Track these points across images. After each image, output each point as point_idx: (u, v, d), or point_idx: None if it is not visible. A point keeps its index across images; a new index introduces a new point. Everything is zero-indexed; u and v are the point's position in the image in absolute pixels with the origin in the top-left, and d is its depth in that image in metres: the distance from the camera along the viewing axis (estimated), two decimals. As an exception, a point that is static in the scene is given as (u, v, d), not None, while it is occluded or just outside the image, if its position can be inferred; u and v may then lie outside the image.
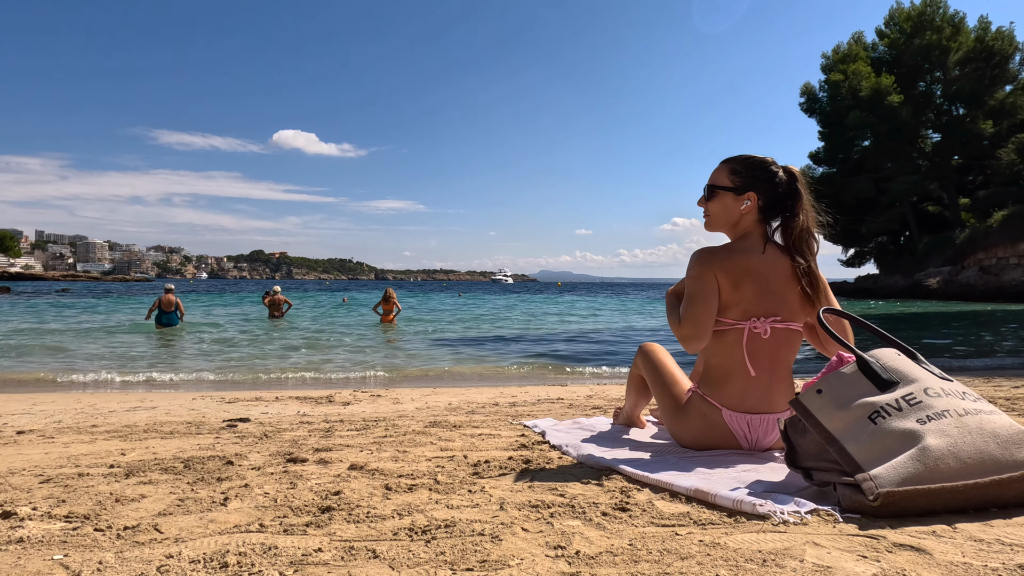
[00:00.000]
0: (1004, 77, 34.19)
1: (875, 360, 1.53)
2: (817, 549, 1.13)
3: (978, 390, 3.98)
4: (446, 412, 3.44)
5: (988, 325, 14.43)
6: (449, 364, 7.77)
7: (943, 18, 34.26)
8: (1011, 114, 33.58)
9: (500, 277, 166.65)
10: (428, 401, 4.20)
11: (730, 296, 1.91)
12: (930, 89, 35.56)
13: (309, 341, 10.51)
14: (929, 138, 36.39)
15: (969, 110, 34.60)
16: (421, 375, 6.76)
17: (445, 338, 11.74)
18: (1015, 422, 1.39)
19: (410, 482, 1.68)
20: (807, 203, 1.98)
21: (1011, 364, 7.26)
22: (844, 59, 36.40)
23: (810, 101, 38.49)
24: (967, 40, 33.81)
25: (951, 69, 34.30)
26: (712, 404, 1.96)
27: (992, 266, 30.03)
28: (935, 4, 34.57)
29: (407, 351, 9.41)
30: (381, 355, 8.83)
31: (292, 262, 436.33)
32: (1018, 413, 2.84)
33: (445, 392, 4.92)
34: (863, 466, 1.35)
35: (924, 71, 35.06)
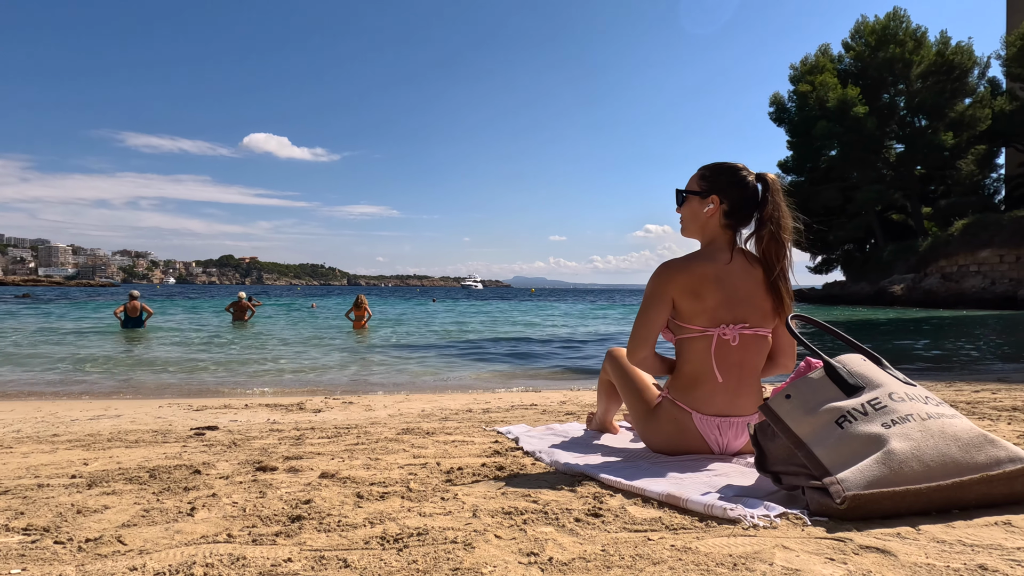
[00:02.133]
0: (963, 90, 35.26)
1: (842, 366, 1.56)
2: (786, 552, 1.14)
3: (940, 394, 4.08)
4: (419, 419, 3.42)
5: (949, 331, 14.82)
6: (422, 370, 7.73)
7: (906, 32, 35.23)
8: (970, 126, 34.62)
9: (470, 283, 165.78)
10: (401, 408, 4.17)
11: (693, 306, 1.93)
12: (894, 101, 36.50)
13: (280, 347, 10.37)
14: (893, 148, 37.32)
15: (931, 122, 35.59)
16: (394, 381, 6.71)
17: (419, 344, 11.68)
18: (975, 426, 1.42)
19: (382, 490, 1.67)
20: (783, 213, 1.97)
21: (973, 369, 7.45)
22: (812, 70, 37.19)
23: (779, 111, 39.23)
24: (928, 54, 34.81)
25: (914, 82, 35.26)
26: (682, 408, 1.98)
27: (953, 273, 30.87)
28: (898, 19, 35.54)
29: (380, 357, 9.34)
30: (353, 361, 8.75)
31: (263, 267, 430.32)
32: (979, 416, 2.92)
33: (418, 398, 4.89)
34: (830, 470, 1.37)
35: (888, 83, 35.98)
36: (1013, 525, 1.25)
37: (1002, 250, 29.03)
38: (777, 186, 1.98)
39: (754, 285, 1.95)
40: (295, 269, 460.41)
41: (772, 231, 1.95)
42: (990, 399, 3.72)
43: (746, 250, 2.01)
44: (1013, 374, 6.38)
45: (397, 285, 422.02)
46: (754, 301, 1.95)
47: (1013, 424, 2.68)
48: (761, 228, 1.96)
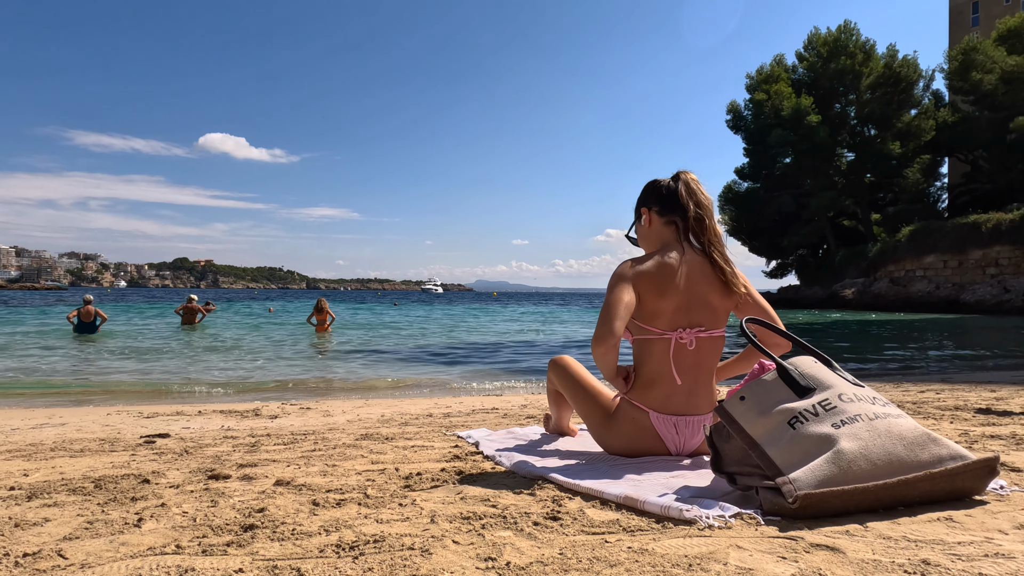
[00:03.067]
0: (910, 102, 36.63)
1: (794, 367, 1.59)
2: (740, 552, 1.16)
3: (887, 394, 4.21)
4: (378, 424, 3.38)
5: (897, 333, 15.33)
6: (383, 375, 7.65)
7: (856, 45, 36.43)
8: (916, 136, 35.98)
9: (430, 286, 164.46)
10: (360, 413, 4.12)
11: (655, 306, 1.96)
12: (845, 110, 37.68)
13: (236, 352, 10.14)
14: (844, 157, 38.51)
15: (879, 131, 36.85)
16: (353, 386, 6.62)
17: (379, 348, 11.56)
18: (920, 425, 1.47)
19: (339, 497, 1.64)
20: (699, 194, 2.06)
21: (918, 370, 7.72)
22: (767, 79, 38.15)
23: (736, 119, 40.13)
24: (877, 66, 36.06)
25: (863, 92, 36.47)
26: (640, 408, 2.00)
27: (901, 278, 32.01)
28: (849, 31, 36.73)
29: (339, 362, 9.21)
30: (312, 366, 8.61)
31: (219, 270, 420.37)
32: (923, 416, 3.02)
33: (377, 404, 4.83)
34: (783, 470, 1.40)
35: (839, 93, 37.14)
36: (954, 521, 1.30)
37: (945, 256, 30.21)
38: (689, 177, 2.09)
39: (708, 281, 1.99)
40: (252, 272, 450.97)
41: (695, 213, 2.03)
42: (934, 399, 3.86)
43: (692, 244, 2.06)
44: (956, 375, 6.63)
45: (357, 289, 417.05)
46: (709, 301, 1.98)
47: (955, 423, 2.79)
48: (686, 213, 2.04)
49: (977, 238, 29.03)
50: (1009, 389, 4.49)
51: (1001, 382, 5.29)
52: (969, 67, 32.36)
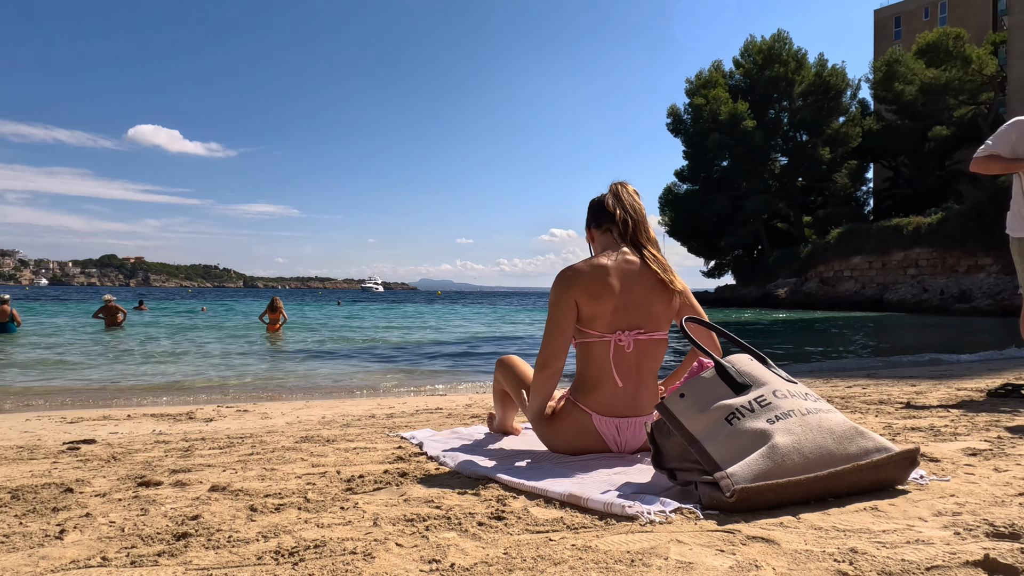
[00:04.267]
0: (838, 109, 38.35)
1: (731, 365, 1.64)
2: (680, 546, 1.18)
3: (818, 390, 4.39)
4: (319, 426, 3.31)
5: (824, 331, 16.02)
6: (325, 375, 7.49)
7: (789, 53, 37.87)
8: (844, 143, 37.70)
9: (371, 285, 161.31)
10: (300, 415, 4.02)
11: (594, 308, 1.99)
12: (778, 116, 39.13)
13: (167, 353, 9.75)
14: (778, 161, 40.00)
15: (811, 137, 38.44)
16: (293, 387, 6.46)
17: (321, 348, 11.32)
18: (848, 419, 1.54)
19: (278, 501, 1.60)
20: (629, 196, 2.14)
21: (847, 366, 8.08)
22: (706, 85, 39.24)
23: (676, 122, 41.10)
24: (808, 75, 37.60)
25: (796, 99, 37.96)
26: (583, 410, 2.03)
27: (830, 278, 33.47)
28: (782, 40, 38.14)
29: (280, 362, 8.98)
30: (250, 366, 8.36)
31: (150, 268, 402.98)
32: (851, 410, 3.16)
33: (318, 405, 4.74)
34: (721, 465, 1.44)
35: (773, 100, 38.54)
36: (879, 510, 1.36)
37: (871, 257, 31.76)
38: (618, 186, 2.18)
39: (645, 282, 2.02)
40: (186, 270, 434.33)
41: (621, 217, 2.10)
42: (860, 394, 4.04)
43: (629, 245, 2.10)
44: (880, 370, 6.98)
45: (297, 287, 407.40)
46: (648, 304, 2.02)
47: (880, 416, 2.93)
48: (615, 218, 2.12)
49: (899, 240, 30.64)
50: (928, 384, 4.75)
51: (920, 377, 5.59)
52: (892, 78, 34.11)
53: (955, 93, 33.10)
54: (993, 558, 1.03)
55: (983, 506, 1.37)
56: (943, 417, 2.82)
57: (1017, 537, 1.15)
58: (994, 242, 25.17)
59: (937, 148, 35.14)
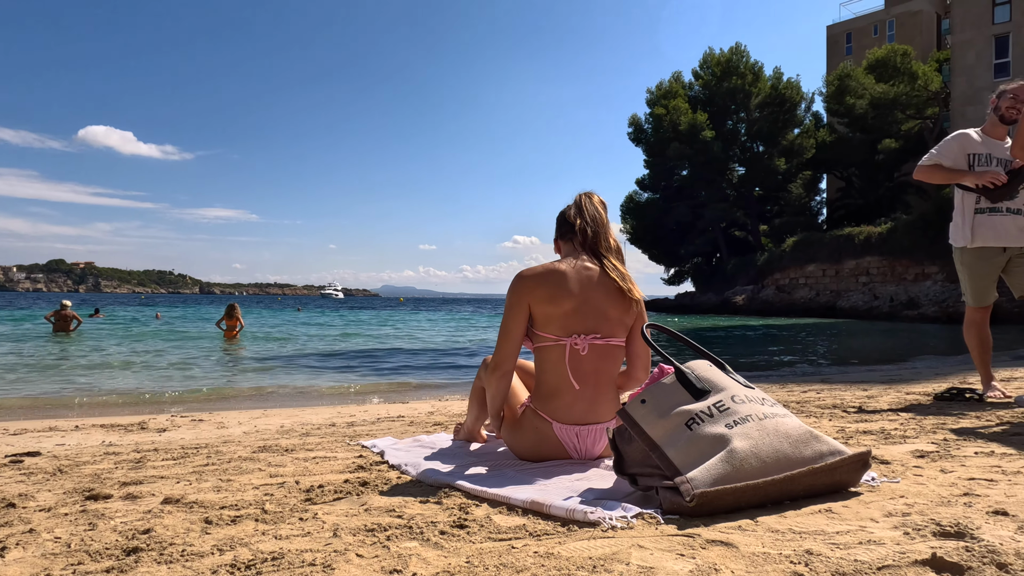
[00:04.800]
0: (793, 121, 39.43)
1: (691, 371, 1.67)
2: (641, 551, 1.19)
3: (774, 395, 4.49)
4: (277, 435, 3.25)
5: (780, 337, 16.40)
6: (283, 383, 7.35)
7: (746, 66, 38.81)
8: (799, 154, 38.78)
9: (330, 291, 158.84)
10: (258, 424, 3.94)
11: (548, 311, 2.02)
12: (736, 127, 40.02)
13: (119, 361, 9.44)
14: (736, 171, 40.88)
15: (767, 148, 39.40)
16: (251, 396, 6.32)
17: (280, 356, 11.11)
18: (803, 423, 1.58)
19: (234, 513, 1.56)
20: (591, 206, 2.18)
21: (802, 371, 8.29)
22: (666, 95, 39.91)
23: (637, 131, 41.69)
24: (765, 87, 38.58)
25: (753, 111, 38.90)
26: (543, 418, 2.04)
27: (786, 285, 34.31)
28: (740, 53, 39.08)
29: (236, 369, 8.78)
30: (206, 374, 8.15)
31: (101, 273, 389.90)
32: (806, 414, 3.24)
33: (277, 414, 4.64)
34: (681, 469, 1.46)
35: (731, 111, 39.41)
36: (833, 512, 1.40)
37: (824, 265, 32.66)
38: (581, 196, 2.22)
39: (603, 289, 2.05)
40: (139, 276, 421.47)
41: (581, 225, 2.15)
42: (815, 398, 4.15)
43: (588, 253, 2.13)
44: (834, 376, 7.17)
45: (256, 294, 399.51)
46: (605, 309, 2.04)
47: (834, 420, 3.01)
48: (574, 227, 2.16)
49: (851, 249, 31.58)
50: (879, 388, 4.89)
51: (872, 381, 5.76)
52: (844, 92, 35.25)
53: (902, 107, 34.38)
54: (940, 557, 1.07)
55: (930, 506, 1.42)
56: (893, 421, 2.91)
57: (962, 536, 1.19)
58: (939, 251, 26.14)
59: (886, 160, 36.38)
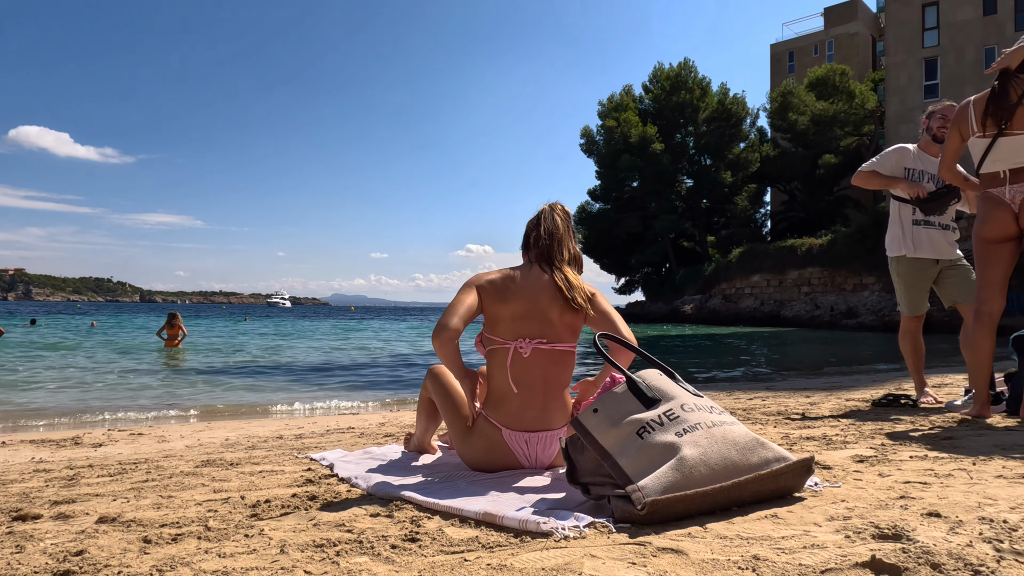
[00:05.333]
0: (739, 136, 40.67)
1: (641, 380, 1.69)
2: (594, 561, 1.20)
3: (722, 403, 4.59)
4: (222, 449, 3.15)
5: (727, 346, 16.81)
6: (228, 394, 7.14)
7: (694, 81, 39.87)
8: (744, 167, 40.00)
9: (277, 300, 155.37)
10: (201, 437, 3.81)
11: (496, 310, 2.06)
12: (685, 140, 41.02)
13: (50, 372, 9.01)
14: (684, 183, 41.86)
15: (714, 161, 40.51)
16: (194, 408, 6.11)
17: (225, 366, 10.79)
18: (750, 431, 1.62)
19: (175, 531, 1.50)
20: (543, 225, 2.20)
21: (748, 379, 8.51)
22: (617, 108, 40.64)
23: (588, 143, 42.30)
24: (712, 102, 39.71)
25: (700, 125, 39.96)
26: (493, 424, 2.04)
27: (732, 295, 35.22)
28: (688, 68, 40.14)
29: (179, 381, 8.48)
30: (146, 386, 7.85)
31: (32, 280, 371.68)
32: (752, 421, 3.32)
33: (221, 426, 4.50)
34: (632, 478, 1.48)
35: (680, 125, 40.39)
36: (779, 517, 1.43)
37: (768, 275, 33.68)
38: (543, 207, 2.25)
39: (551, 296, 2.07)
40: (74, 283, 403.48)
41: (534, 236, 2.20)
42: (761, 406, 4.26)
43: (541, 262, 2.16)
44: (779, 383, 7.38)
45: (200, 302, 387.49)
46: (552, 315, 2.06)
47: (779, 427, 3.09)
48: (534, 237, 2.21)
49: (794, 260, 32.67)
50: (821, 395, 5.06)
51: (814, 388, 5.96)
52: (786, 108, 36.58)
53: (841, 124, 35.86)
54: (879, 559, 1.11)
55: (870, 510, 1.47)
56: (834, 427, 3.01)
57: (899, 538, 1.24)
58: (876, 262, 27.27)
59: (826, 175, 37.84)
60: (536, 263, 2.15)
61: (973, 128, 3.05)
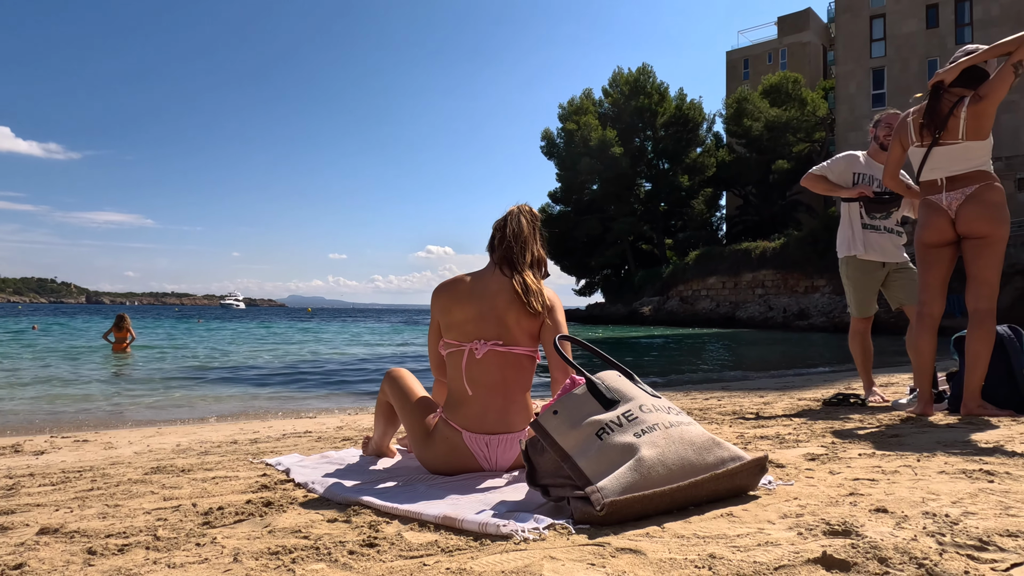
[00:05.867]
0: (695, 140, 41.48)
1: (601, 381, 1.70)
2: (553, 562, 1.20)
3: (679, 403, 4.66)
4: (173, 455, 3.06)
5: (684, 346, 17.10)
6: (180, 399, 6.94)
7: (652, 86, 40.50)
8: (700, 172, 40.81)
9: (231, 301, 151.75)
10: (151, 443, 3.69)
11: (449, 319, 2.10)
12: (643, 145, 41.62)
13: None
14: (643, 186, 42.47)
15: (671, 165, 41.22)
16: (143, 413, 5.92)
17: (177, 370, 10.49)
18: (706, 431, 1.64)
19: (122, 542, 1.45)
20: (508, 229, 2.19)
21: (704, 379, 8.66)
22: (577, 111, 41.01)
23: (549, 145, 42.56)
24: (670, 107, 40.40)
25: (659, 129, 40.60)
26: (453, 427, 2.03)
27: (689, 296, 35.86)
28: (647, 73, 40.75)
29: (127, 385, 8.21)
30: (93, 391, 7.57)
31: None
32: (708, 421, 3.38)
33: (173, 431, 4.37)
34: (592, 479, 1.49)
35: (639, 129, 40.97)
36: (734, 515, 1.46)
37: (724, 277, 34.41)
38: (510, 210, 2.24)
39: (509, 300, 2.07)
40: (15, 284, 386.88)
41: (498, 239, 2.19)
42: (716, 406, 4.34)
43: (502, 266, 2.15)
44: (734, 383, 7.54)
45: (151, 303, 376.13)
46: (508, 319, 2.06)
47: (734, 427, 3.15)
48: (494, 240, 2.21)
49: (748, 263, 33.45)
50: (774, 395, 5.18)
51: (768, 388, 6.10)
52: (741, 115, 37.46)
53: (794, 131, 36.89)
54: (830, 555, 1.14)
55: (821, 507, 1.51)
56: (787, 426, 3.08)
57: (849, 534, 1.27)
58: (827, 265, 28.13)
59: (780, 180, 38.85)
60: (498, 266, 2.15)
61: (912, 138, 3.18)
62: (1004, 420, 2.87)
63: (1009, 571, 1.06)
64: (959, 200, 3.03)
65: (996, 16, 27.40)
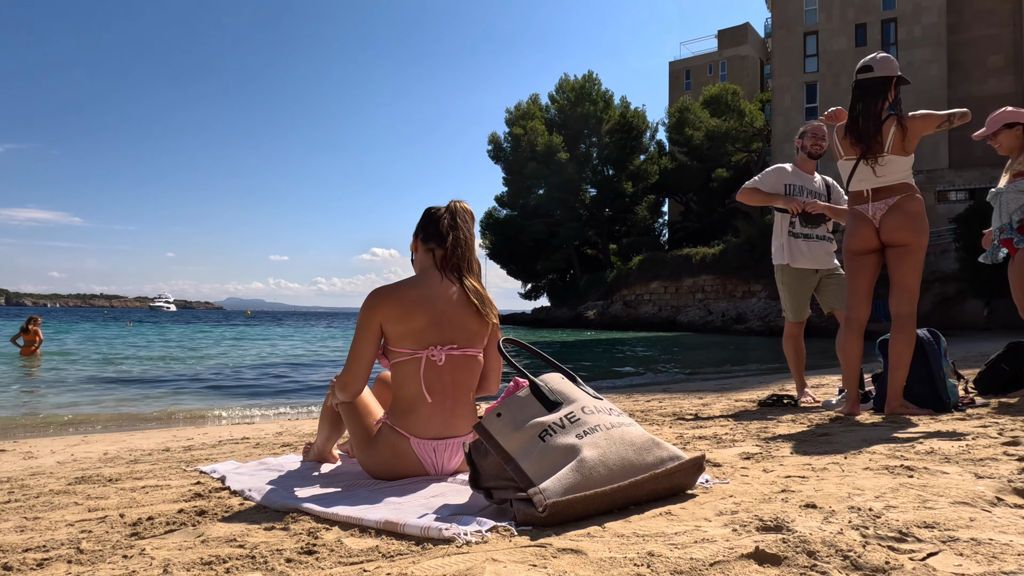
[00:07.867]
0: (639, 148, 42.37)
1: (544, 384, 1.71)
2: (495, 564, 1.20)
3: (621, 405, 4.74)
4: (100, 464, 2.92)
5: (627, 350, 17.40)
6: (106, 405, 6.63)
7: (598, 93, 41.16)
8: (644, 178, 41.69)
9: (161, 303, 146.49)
10: (75, 452, 3.51)
11: (402, 328, 2.01)
12: (589, 151, 42.24)
13: None
14: (588, 192, 43.07)
15: (616, 172, 41.95)
16: (68, 420, 5.63)
17: (102, 375, 10.01)
18: (646, 432, 1.68)
19: (41, 556, 1.37)
20: (459, 232, 2.11)
21: (646, 381, 8.83)
22: (524, 116, 41.28)
23: (496, 149, 42.69)
24: (614, 114, 41.13)
25: (604, 136, 41.28)
26: (400, 434, 2.01)
27: (632, 301, 36.54)
28: (592, 81, 41.39)
29: (44, 391, 7.79)
30: (11, 397, 7.15)
31: None
32: (649, 422, 3.45)
33: (99, 439, 4.17)
34: (534, 481, 1.49)
35: (584, 135, 41.56)
36: (672, 514, 1.49)
37: (666, 282, 35.21)
38: (459, 208, 2.15)
39: (461, 305, 2.06)
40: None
41: (451, 243, 2.10)
42: (657, 407, 4.43)
43: (449, 273, 2.10)
44: (675, 385, 7.71)
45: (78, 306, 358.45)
46: (462, 322, 2.06)
47: (674, 427, 3.22)
48: (444, 242, 2.10)
49: (689, 268, 34.32)
50: (712, 396, 5.33)
51: (707, 390, 6.27)
52: (683, 124, 38.48)
53: (733, 141, 38.12)
54: (762, 549, 1.17)
55: (755, 504, 1.56)
56: (724, 426, 3.17)
57: (780, 529, 1.32)
58: (763, 271, 29.13)
59: (719, 188, 40.06)
60: (442, 271, 2.09)
61: (840, 152, 3.34)
62: (924, 419, 3.03)
63: (926, 560, 1.12)
64: (883, 210, 3.19)
65: (918, 37, 29.07)
